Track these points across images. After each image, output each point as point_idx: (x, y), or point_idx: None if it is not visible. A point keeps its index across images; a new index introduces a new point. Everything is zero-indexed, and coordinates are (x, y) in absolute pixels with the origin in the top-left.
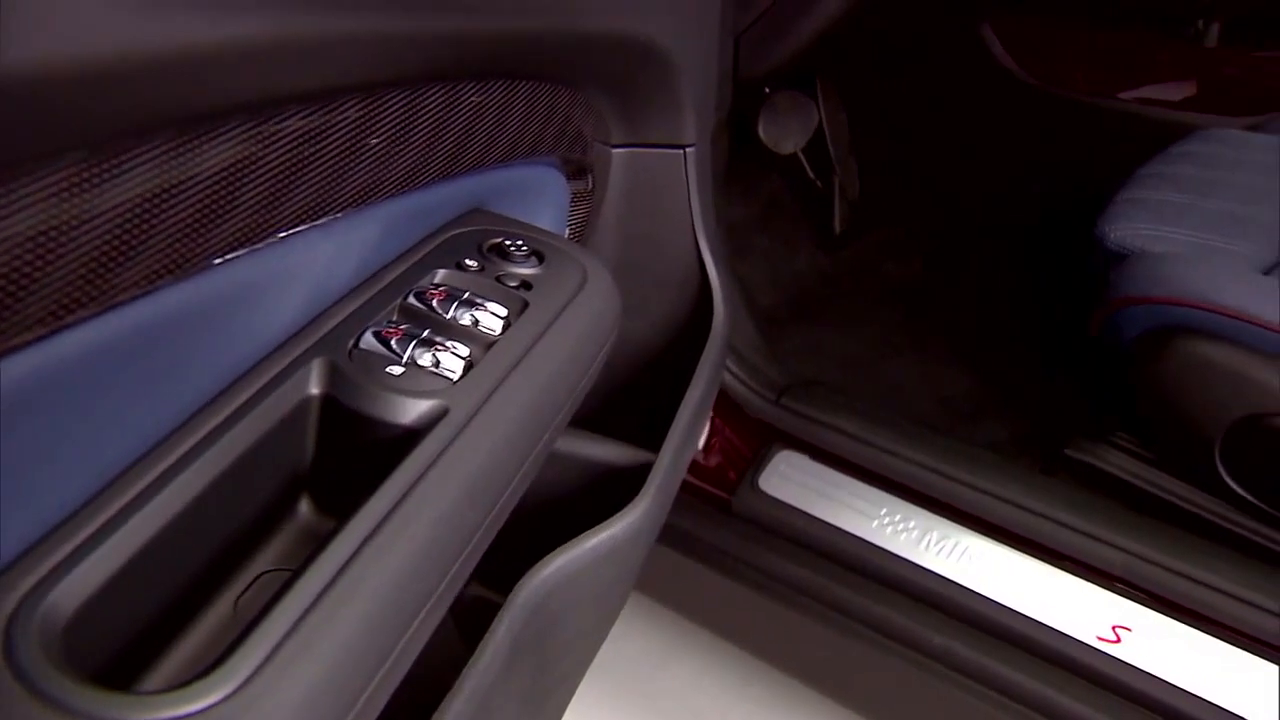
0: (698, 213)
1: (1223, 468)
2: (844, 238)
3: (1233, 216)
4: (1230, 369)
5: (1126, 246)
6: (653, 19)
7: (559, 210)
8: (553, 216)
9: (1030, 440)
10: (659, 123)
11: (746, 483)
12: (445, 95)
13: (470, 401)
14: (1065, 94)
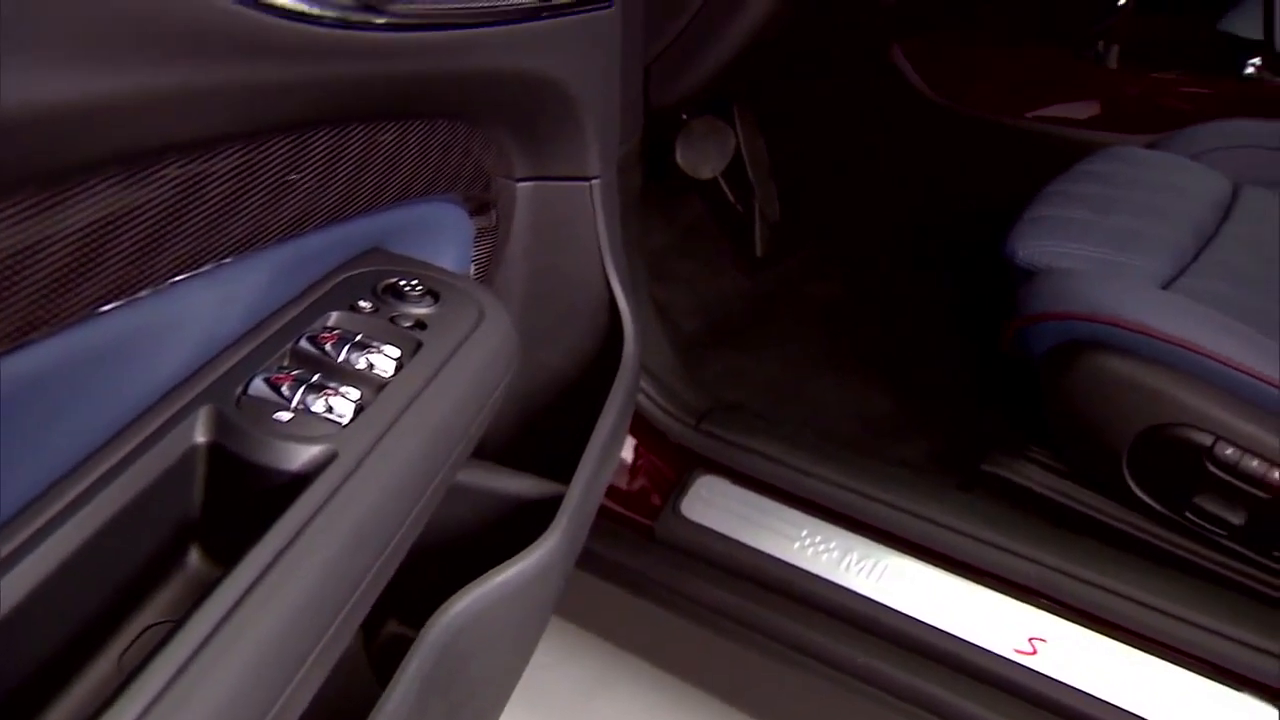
0: (606, 243)
1: (1130, 478)
2: (766, 260)
3: (1133, 232)
4: (1133, 381)
5: (1033, 264)
6: (548, 55)
7: (462, 247)
8: (455, 253)
9: (949, 456)
10: (563, 156)
11: (669, 508)
12: (332, 139)
13: (360, 445)
14: (975, 114)
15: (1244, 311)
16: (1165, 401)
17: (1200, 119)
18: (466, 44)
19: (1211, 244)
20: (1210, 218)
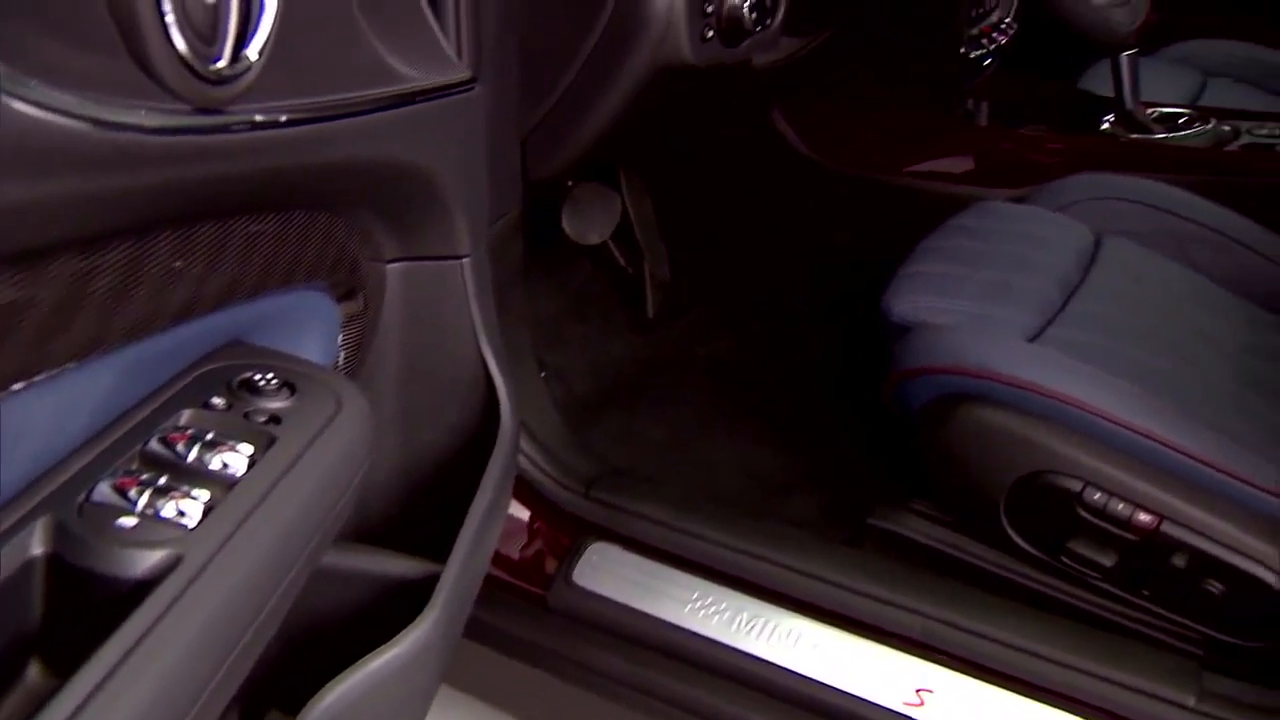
0: (479, 320)
1: (1008, 525)
2: (657, 321)
3: (1003, 285)
4: (1006, 432)
5: (908, 319)
6: (410, 143)
7: (328, 335)
8: (321, 342)
9: (837, 511)
10: (431, 236)
11: (561, 577)
12: (179, 238)
13: (207, 547)
14: (855, 172)
15: (1108, 358)
16: (1037, 450)
17: (1064, 173)
18: (320, 138)
19: (1077, 294)
20: (1075, 268)
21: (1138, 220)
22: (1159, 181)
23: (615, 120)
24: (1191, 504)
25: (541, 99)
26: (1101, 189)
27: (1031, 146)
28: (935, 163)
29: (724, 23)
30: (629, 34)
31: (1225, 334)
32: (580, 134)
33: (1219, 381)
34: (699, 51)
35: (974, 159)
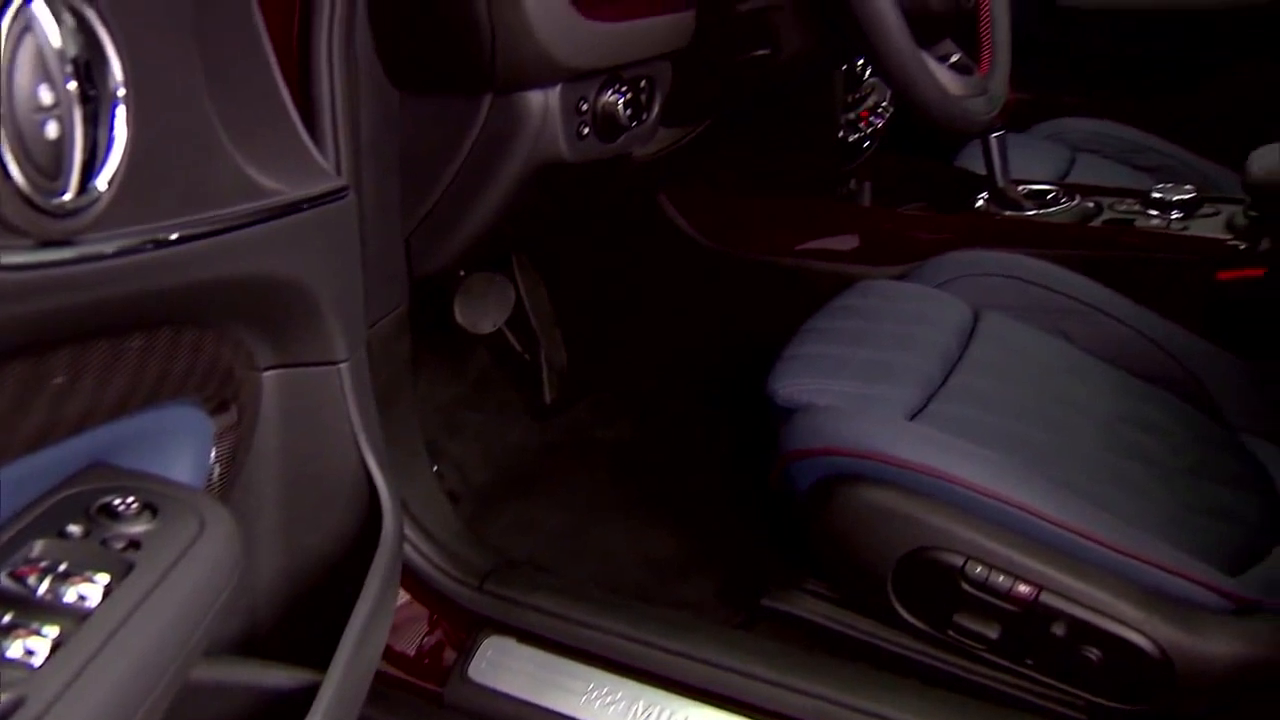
0: (359, 424)
1: (896, 601)
2: (555, 407)
3: (885, 364)
4: (889, 510)
5: (793, 402)
6: (279, 256)
7: (200, 451)
8: (193, 458)
9: (733, 594)
10: (306, 343)
11: (456, 673)
12: (30, 365)
13: (53, 686)
14: (743, 254)
15: (987, 432)
16: (918, 527)
17: (944, 250)
18: (181, 260)
19: (957, 369)
20: (955, 344)
21: (1013, 295)
22: (1031, 256)
23: (497, 217)
24: (1067, 574)
25: (423, 197)
26: (978, 265)
27: (912, 225)
28: (821, 242)
29: (599, 120)
30: (505, 134)
31: (1098, 403)
32: (463, 231)
33: (1093, 450)
34: (575, 149)
35: (858, 238)
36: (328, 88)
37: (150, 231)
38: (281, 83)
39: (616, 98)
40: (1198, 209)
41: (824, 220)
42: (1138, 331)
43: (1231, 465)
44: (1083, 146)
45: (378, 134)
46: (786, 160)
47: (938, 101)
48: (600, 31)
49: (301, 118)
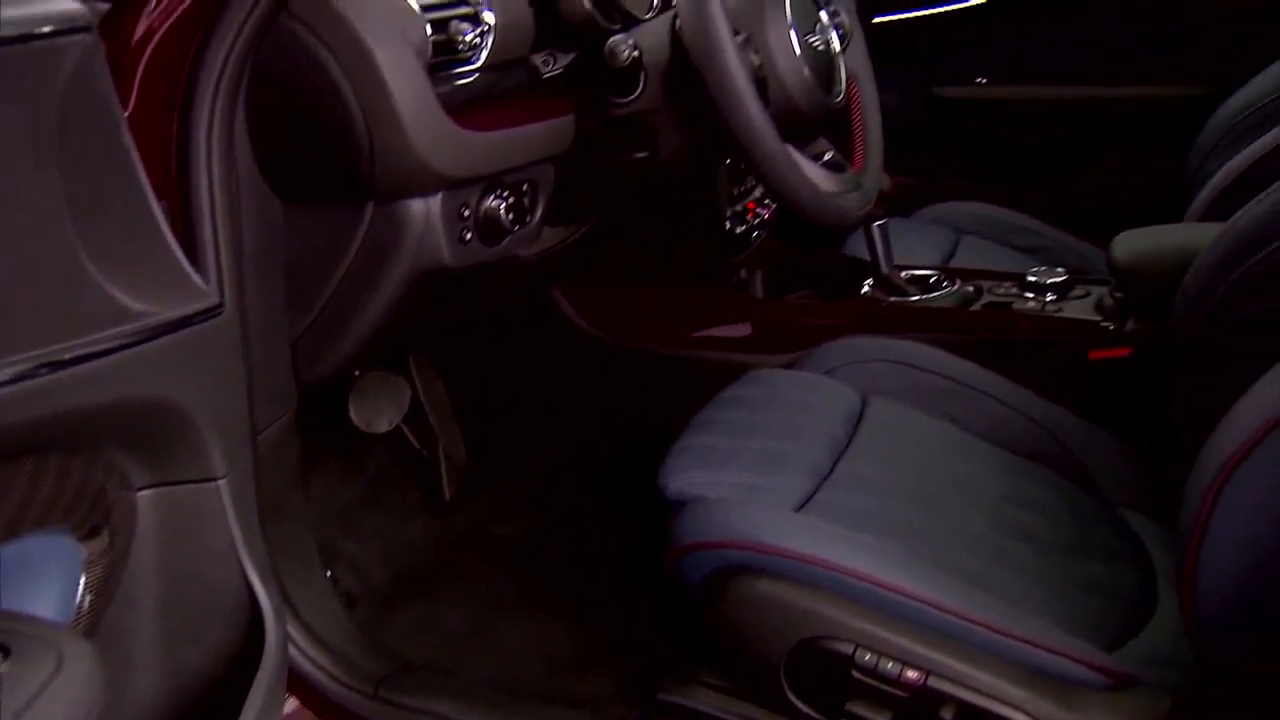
0: (240, 538)
1: (790, 692)
2: (454, 503)
3: (774, 454)
4: (779, 601)
5: (683, 495)
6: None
7: (68, 580)
8: (60, 589)
9: (631, 689)
10: (183, 461)
11: None
12: None
13: None
14: (636, 346)
15: (874, 519)
16: (809, 617)
17: (832, 337)
18: (46, 391)
19: (844, 456)
20: (843, 431)
21: (899, 380)
22: (916, 341)
23: (383, 322)
24: (953, 658)
25: (309, 304)
26: (865, 351)
27: (800, 313)
28: (712, 332)
29: (482, 225)
30: (388, 242)
31: (982, 483)
32: (349, 337)
33: (978, 531)
34: (458, 254)
35: (749, 326)
36: (207, 204)
37: (9, 365)
38: (155, 204)
39: (498, 203)
40: (1070, 291)
41: (714, 310)
42: (1018, 411)
43: (1109, 539)
44: (966, 229)
45: (261, 245)
46: (676, 252)
47: (811, 201)
48: (479, 141)
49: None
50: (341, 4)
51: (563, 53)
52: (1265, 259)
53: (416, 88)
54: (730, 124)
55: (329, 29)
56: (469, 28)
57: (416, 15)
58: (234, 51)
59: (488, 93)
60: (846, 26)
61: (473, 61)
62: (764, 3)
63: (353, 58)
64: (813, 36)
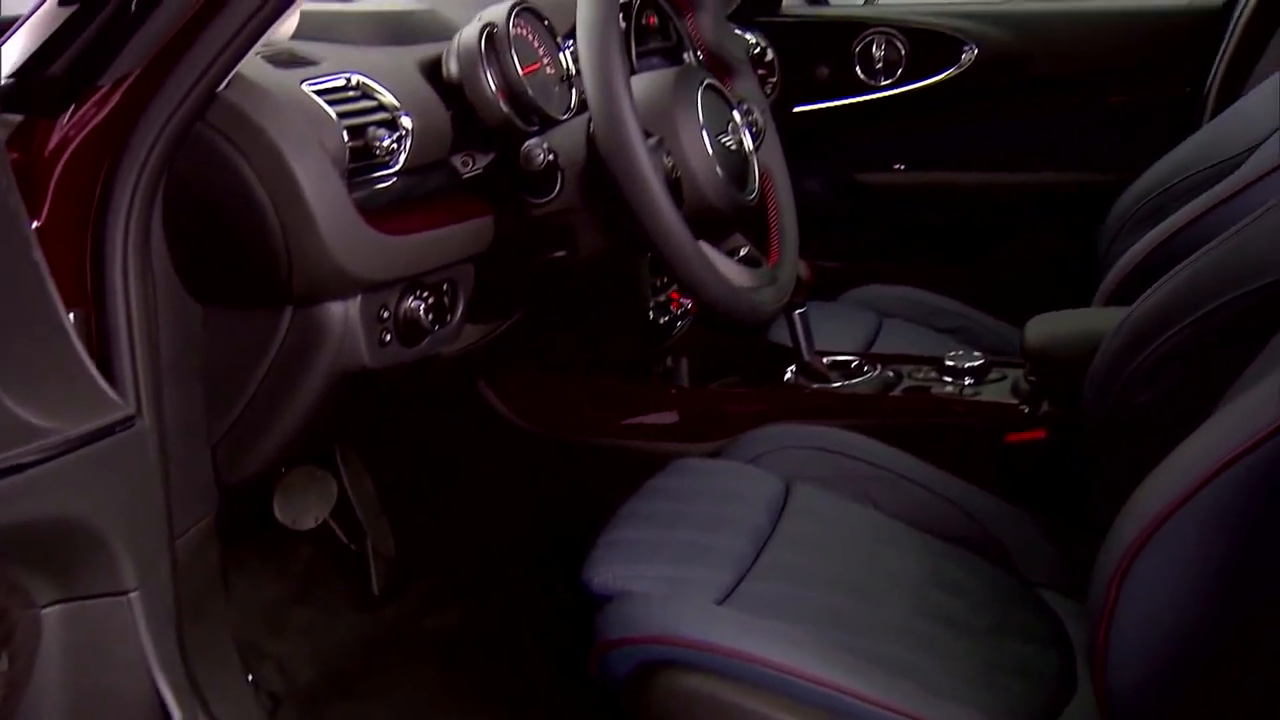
0: (152, 652)
1: None
2: (384, 598)
3: (697, 546)
4: (704, 696)
5: (607, 589)
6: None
7: None
8: None
9: None
10: (91, 575)
11: None
12: None
13: None
14: (564, 436)
15: (797, 609)
16: (734, 712)
17: (757, 424)
18: None
19: (768, 545)
20: (766, 520)
21: (822, 466)
22: (838, 427)
23: (304, 424)
24: None
25: (229, 407)
26: (788, 438)
27: (725, 400)
28: (638, 421)
29: (402, 326)
30: (306, 345)
31: (905, 569)
32: (270, 439)
33: (901, 617)
34: (378, 356)
35: (675, 414)
36: (123, 314)
37: None
38: (67, 317)
39: (418, 304)
40: (986, 375)
41: (640, 399)
42: (938, 495)
43: (1030, 621)
44: (889, 311)
45: (179, 350)
46: (601, 342)
47: (725, 298)
48: (397, 244)
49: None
50: (258, 114)
51: (482, 153)
52: (1167, 343)
53: (333, 195)
54: (643, 225)
55: (246, 139)
56: (386, 133)
57: (334, 122)
58: (150, 161)
59: (406, 195)
60: (759, 124)
61: (391, 166)
62: (676, 105)
63: (269, 167)
64: (725, 136)
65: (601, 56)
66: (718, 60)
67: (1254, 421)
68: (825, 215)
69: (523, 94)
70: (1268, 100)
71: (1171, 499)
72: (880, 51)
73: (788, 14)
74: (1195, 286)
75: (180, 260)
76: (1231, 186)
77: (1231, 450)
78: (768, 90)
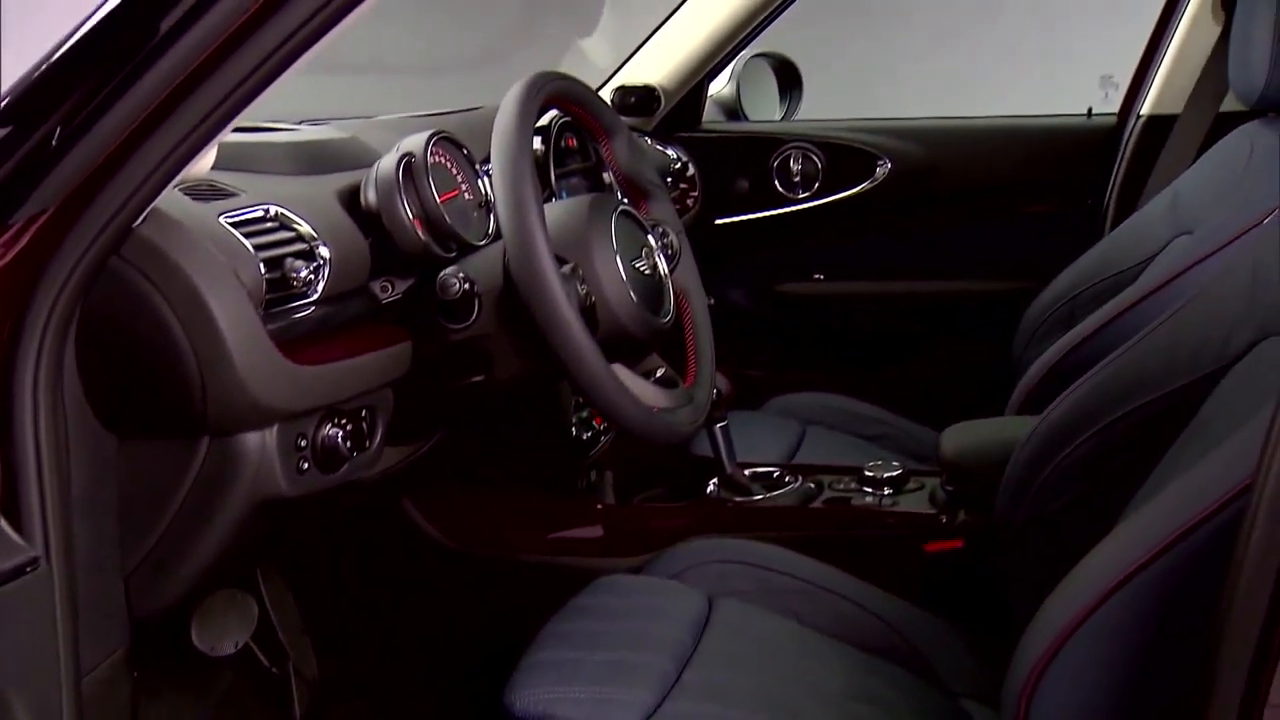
0: None
1: None
2: None
3: (620, 665)
4: None
5: (529, 713)
6: None
7: None
8: None
9: None
10: None
11: None
12: None
13: None
14: (488, 554)
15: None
16: None
17: (679, 538)
18: None
19: (691, 663)
20: (689, 636)
21: (744, 580)
22: (760, 541)
23: (220, 554)
24: None
25: (142, 538)
26: (710, 553)
27: (648, 515)
28: (562, 536)
29: (320, 453)
30: (223, 475)
31: (828, 682)
32: (185, 570)
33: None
34: (295, 484)
35: (599, 529)
36: (31, 452)
37: None
38: None
39: (336, 431)
40: (905, 484)
41: (564, 514)
42: (861, 607)
43: None
44: (811, 419)
45: (90, 484)
46: (524, 458)
47: (641, 422)
48: (314, 374)
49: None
50: (174, 249)
51: (400, 279)
52: (1072, 454)
53: (248, 328)
54: (556, 352)
55: (161, 274)
56: (304, 264)
57: (251, 255)
58: (63, 298)
59: (324, 324)
60: (675, 246)
61: (308, 296)
62: (590, 232)
63: (184, 302)
64: (639, 261)
65: (515, 188)
66: (633, 184)
67: (1151, 534)
68: (748, 325)
69: (440, 222)
70: (1160, 214)
71: (1076, 612)
72: (798, 165)
73: (708, 129)
74: (1097, 398)
75: (94, 393)
76: (1130, 297)
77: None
78: (689, 204)
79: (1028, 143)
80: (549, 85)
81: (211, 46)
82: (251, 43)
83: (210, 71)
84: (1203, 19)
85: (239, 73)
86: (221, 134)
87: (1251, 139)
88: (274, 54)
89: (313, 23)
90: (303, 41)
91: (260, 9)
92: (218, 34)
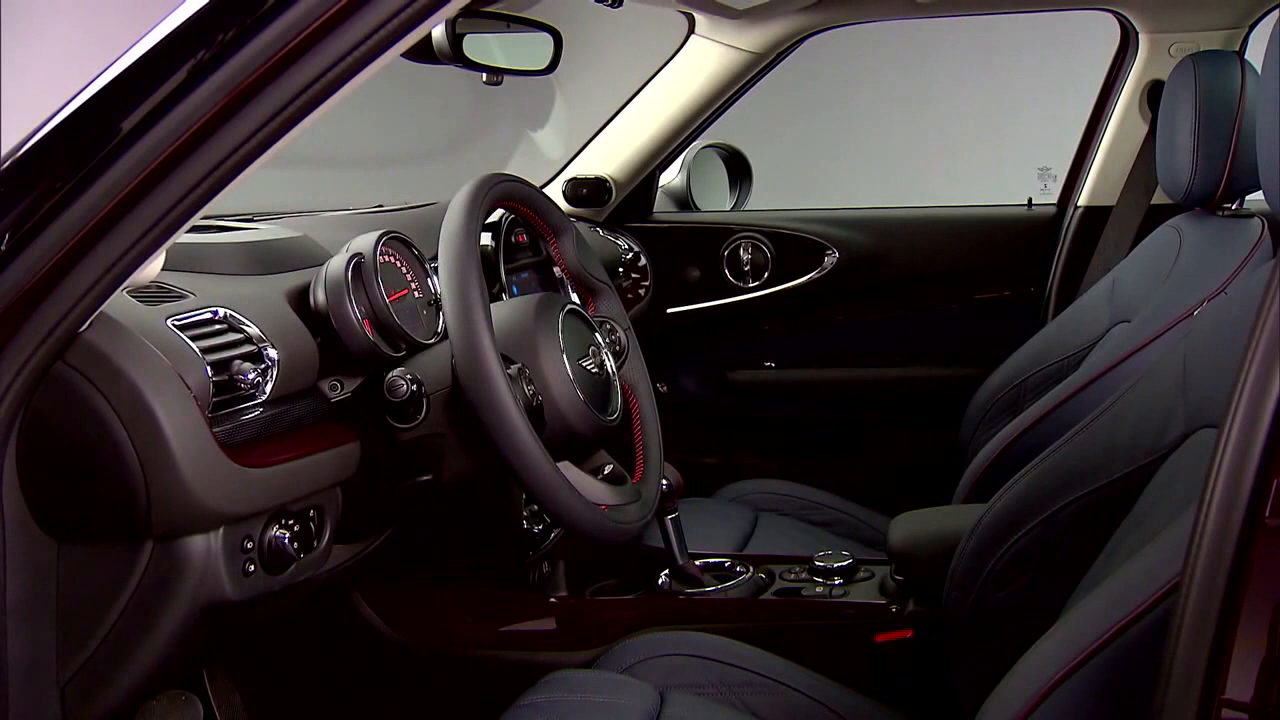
0: None
1: None
2: None
3: None
4: None
5: None
6: None
7: None
8: None
9: None
10: None
11: None
12: None
13: None
14: (440, 650)
15: None
16: None
17: (632, 629)
18: None
19: None
20: None
21: (696, 673)
22: (710, 633)
23: (162, 660)
24: None
25: (81, 645)
26: (662, 646)
27: (600, 608)
28: (513, 630)
29: (266, 555)
30: (167, 580)
31: None
32: (125, 677)
33: None
34: (241, 587)
35: (552, 622)
36: None
37: None
38: None
39: (283, 532)
40: (855, 574)
41: (515, 608)
42: (812, 698)
43: None
44: (763, 506)
45: (28, 589)
46: (475, 552)
47: (588, 520)
48: (261, 476)
49: None
50: (118, 354)
51: (349, 378)
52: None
53: (193, 432)
54: (503, 453)
55: (105, 378)
56: (251, 367)
57: (198, 359)
58: (5, 400)
59: (272, 425)
60: (622, 343)
61: (256, 398)
62: (537, 333)
63: (128, 406)
64: (586, 360)
65: (462, 291)
66: (581, 282)
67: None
68: (700, 412)
69: (389, 322)
70: (1099, 301)
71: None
72: (748, 255)
73: (659, 219)
74: (1040, 488)
75: (34, 498)
76: (1072, 385)
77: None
78: (641, 293)
79: (972, 232)
80: (496, 187)
81: (165, 152)
82: (207, 146)
83: (161, 179)
84: (1130, 117)
85: (192, 178)
86: (172, 239)
87: (1180, 231)
88: (229, 158)
89: (269, 126)
90: (259, 145)
91: (220, 110)
92: (173, 139)
